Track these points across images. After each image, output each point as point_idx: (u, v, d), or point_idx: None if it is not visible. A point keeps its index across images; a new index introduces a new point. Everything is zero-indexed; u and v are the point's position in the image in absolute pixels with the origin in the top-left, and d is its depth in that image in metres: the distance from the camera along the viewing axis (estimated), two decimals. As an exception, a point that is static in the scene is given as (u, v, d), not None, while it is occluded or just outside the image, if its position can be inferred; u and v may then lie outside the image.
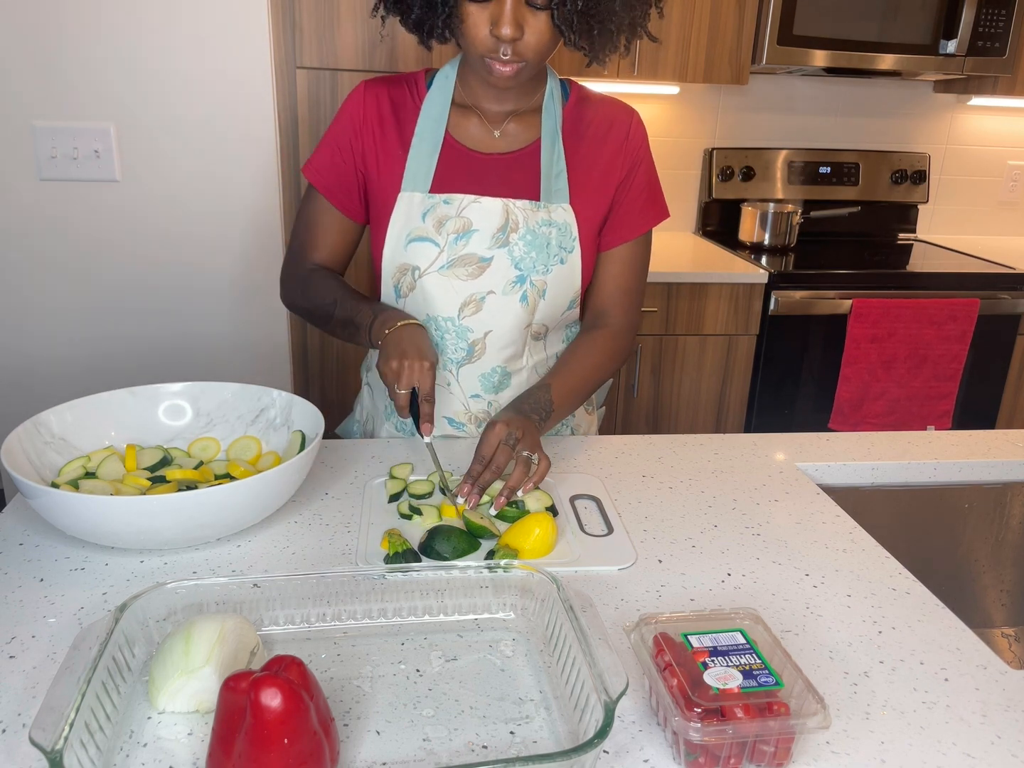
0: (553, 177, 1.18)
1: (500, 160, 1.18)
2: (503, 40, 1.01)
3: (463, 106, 1.19)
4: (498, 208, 1.16)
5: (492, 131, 1.19)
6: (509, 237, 1.16)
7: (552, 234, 1.17)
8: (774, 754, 0.64)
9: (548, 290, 1.18)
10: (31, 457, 0.97)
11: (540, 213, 1.16)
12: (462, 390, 1.23)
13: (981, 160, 3.13)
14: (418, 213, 1.16)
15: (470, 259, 1.16)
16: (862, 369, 2.51)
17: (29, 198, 2.17)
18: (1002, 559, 1.26)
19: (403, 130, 1.18)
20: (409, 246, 1.16)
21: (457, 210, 1.15)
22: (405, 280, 1.18)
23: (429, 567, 0.80)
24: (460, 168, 1.17)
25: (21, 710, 0.68)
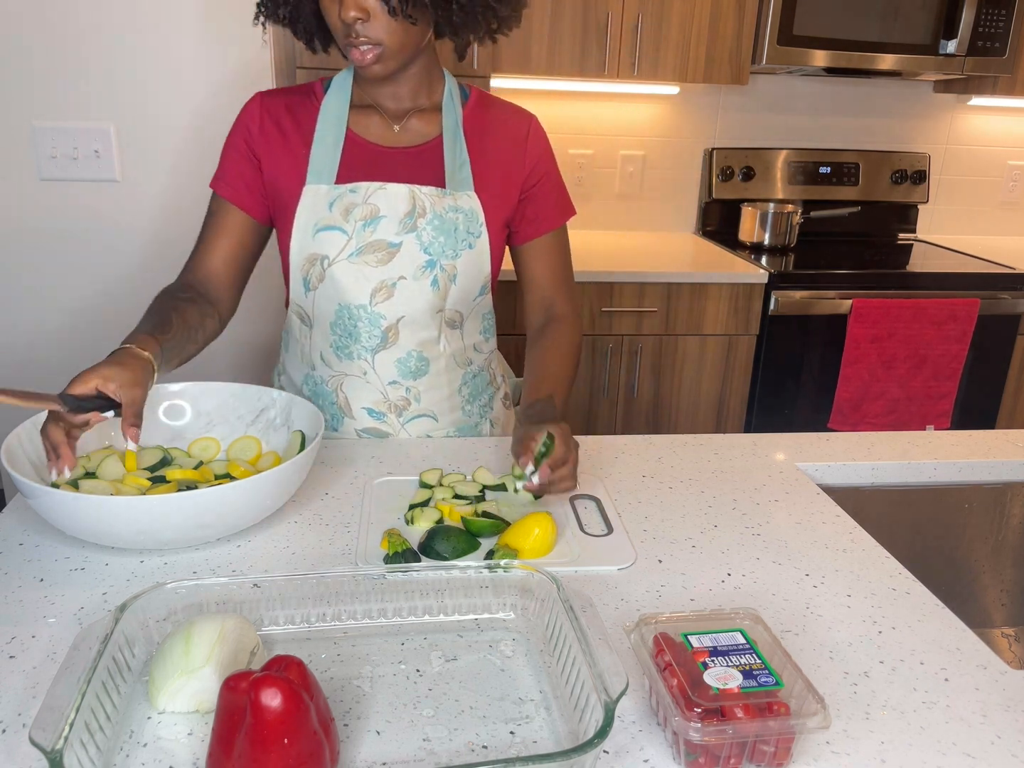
0: (457, 167, 1.20)
1: (403, 153, 1.20)
2: (346, 23, 1.03)
3: (363, 106, 1.21)
4: (404, 193, 1.17)
5: (392, 127, 1.20)
6: (417, 222, 1.17)
7: (459, 220, 1.18)
8: (774, 754, 0.64)
9: (458, 275, 1.20)
10: (31, 457, 0.97)
11: (446, 199, 1.18)
12: (379, 377, 1.23)
13: (981, 160, 3.13)
14: (324, 203, 1.17)
15: (379, 245, 1.17)
16: (862, 369, 2.51)
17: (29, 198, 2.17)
18: (1002, 559, 1.26)
19: (303, 132, 1.20)
20: (317, 235, 1.17)
21: (364, 197, 1.17)
22: (314, 271, 1.19)
23: (429, 567, 0.80)
24: (364, 160, 1.19)
25: (21, 710, 0.69)
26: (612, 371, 2.49)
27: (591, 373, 2.49)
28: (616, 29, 2.41)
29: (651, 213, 3.00)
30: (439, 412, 1.28)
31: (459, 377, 1.28)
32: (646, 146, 2.89)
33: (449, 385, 1.27)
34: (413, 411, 1.26)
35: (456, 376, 1.28)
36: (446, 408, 1.28)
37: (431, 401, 1.26)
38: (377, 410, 1.25)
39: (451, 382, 1.27)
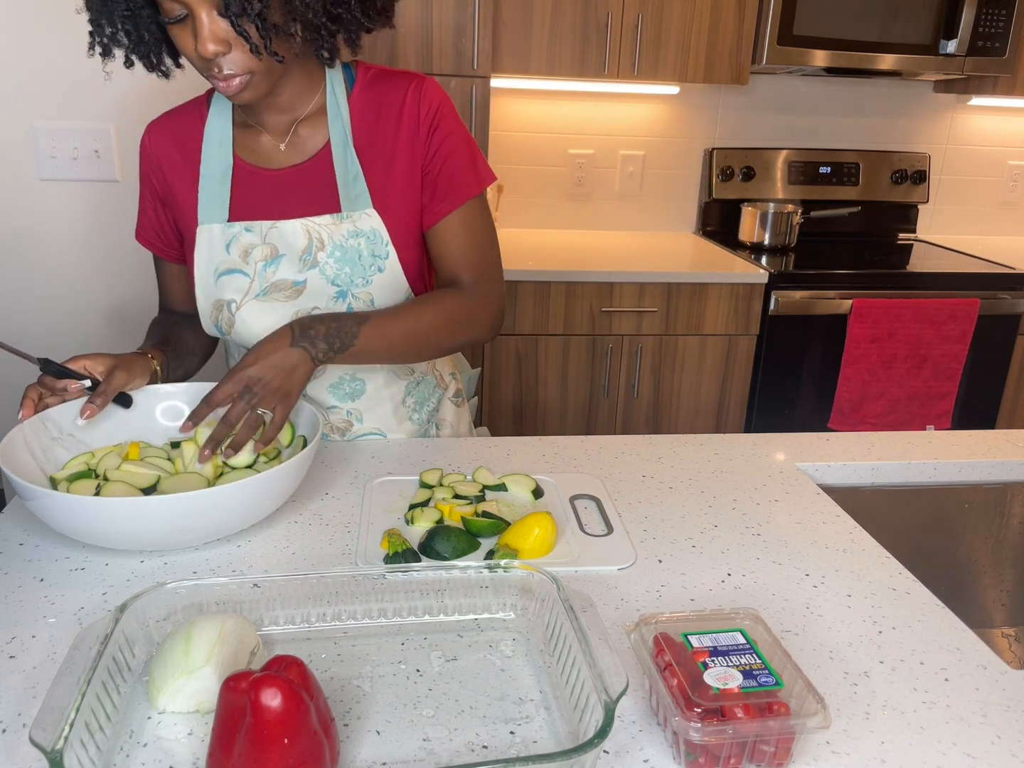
0: (350, 183, 1.09)
1: (292, 173, 1.11)
2: (206, 58, 0.94)
3: (246, 125, 1.13)
4: (298, 230, 1.09)
5: (278, 144, 1.12)
6: (317, 257, 1.09)
7: (362, 245, 1.09)
8: (774, 754, 0.64)
9: (375, 299, 1.12)
10: (35, 453, 0.97)
11: (344, 225, 1.09)
12: (316, 404, 1.20)
13: (981, 160, 3.13)
14: (221, 245, 1.11)
15: (283, 284, 1.11)
16: (862, 369, 2.51)
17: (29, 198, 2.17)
18: (1002, 559, 1.26)
19: (191, 160, 1.13)
20: (219, 280, 1.11)
21: (261, 237, 1.10)
22: (223, 317, 1.13)
23: (429, 567, 0.80)
24: (254, 190, 1.11)
25: (21, 710, 0.69)
26: (612, 371, 2.49)
27: (591, 373, 2.49)
28: (616, 29, 2.41)
29: (651, 213, 3.00)
30: (386, 428, 1.24)
31: (402, 389, 1.24)
32: (646, 146, 2.89)
33: (391, 400, 1.23)
34: (357, 431, 1.23)
35: (398, 389, 1.23)
36: (393, 423, 1.24)
37: (375, 419, 1.23)
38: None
39: (393, 396, 1.23)
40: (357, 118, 1.11)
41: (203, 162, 1.12)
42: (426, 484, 1.07)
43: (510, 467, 1.14)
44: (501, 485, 1.07)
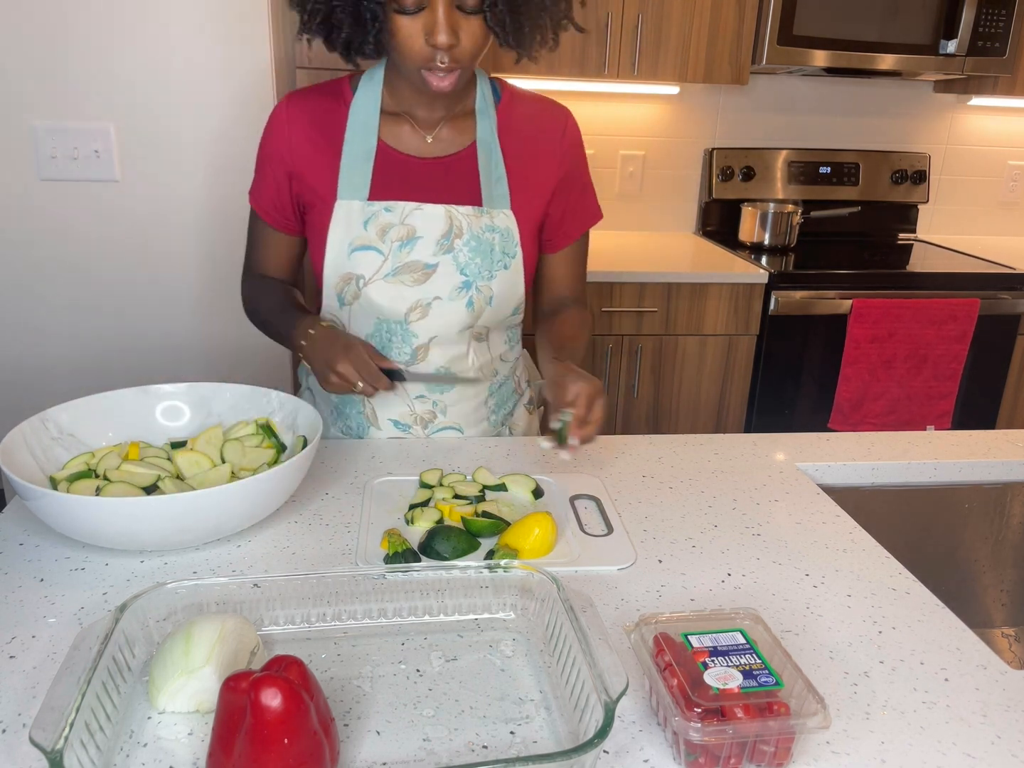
0: (493, 182, 1.17)
1: (436, 164, 1.17)
2: (440, 48, 1.00)
3: (392, 113, 1.17)
4: (441, 214, 1.15)
5: (425, 136, 1.17)
6: (454, 243, 1.15)
7: (496, 240, 1.16)
8: (774, 754, 0.64)
9: (494, 296, 1.18)
10: (35, 453, 0.97)
11: (483, 219, 1.16)
12: (406, 391, 1.23)
13: (981, 160, 3.13)
14: (359, 221, 1.15)
15: (415, 266, 1.15)
16: (862, 369, 2.51)
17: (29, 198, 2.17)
18: (1002, 559, 1.26)
19: (333, 140, 1.16)
20: (352, 255, 1.15)
21: (400, 217, 1.14)
22: (349, 289, 1.17)
23: (429, 567, 0.80)
24: (396, 174, 1.16)
25: (21, 710, 0.69)
26: (612, 371, 2.49)
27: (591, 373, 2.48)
28: (616, 29, 2.41)
29: (651, 213, 2.99)
30: (465, 424, 1.27)
31: (485, 389, 1.28)
32: (646, 146, 2.89)
33: (476, 398, 1.27)
34: (439, 423, 1.26)
35: (483, 389, 1.27)
36: (472, 420, 1.28)
37: (457, 414, 1.26)
38: (403, 422, 1.25)
39: (478, 394, 1.27)
40: (504, 125, 1.19)
41: (346, 141, 1.15)
42: (426, 484, 1.07)
43: (510, 467, 1.14)
44: (501, 485, 1.07)
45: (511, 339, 1.30)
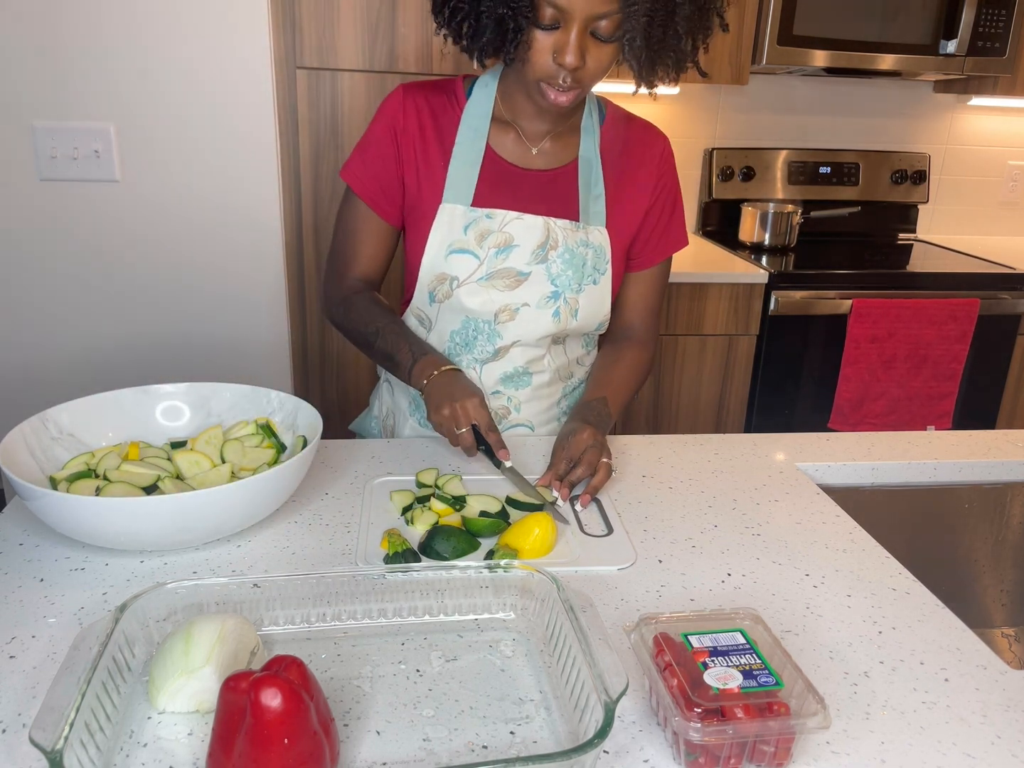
0: (591, 200, 1.20)
1: (539, 177, 1.20)
2: (565, 68, 1.01)
3: (501, 120, 1.20)
4: (539, 225, 1.18)
5: (530, 148, 1.20)
6: (548, 254, 1.18)
7: (588, 255, 1.19)
8: (774, 754, 0.64)
9: (580, 309, 1.21)
10: (35, 453, 0.97)
11: (579, 233, 1.19)
12: (483, 386, 1.25)
13: (981, 160, 3.12)
14: (460, 225, 1.17)
15: (508, 273, 1.18)
16: (862, 369, 2.51)
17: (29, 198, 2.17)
18: (1002, 559, 1.26)
19: (443, 139, 1.18)
20: (450, 257, 1.18)
21: (499, 225, 1.17)
22: (442, 288, 1.20)
23: (429, 567, 0.80)
24: (501, 182, 1.19)
25: (21, 710, 0.68)
26: (612, 371, 2.49)
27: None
28: (616, 29, 2.41)
29: (651, 213, 2.99)
30: (537, 423, 1.29)
31: (559, 390, 1.30)
32: (646, 146, 2.89)
33: (549, 398, 1.29)
34: (512, 420, 1.27)
35: (556, 389, 1.29)
36: (543, 419, 1.29)
37: (530, 412, 1.28)
38: None
39: (551, 395, 1.29)
40: (605, 145, 1.22)
41: (457, 144, 1.18)
42: (423, 484, 1.07)
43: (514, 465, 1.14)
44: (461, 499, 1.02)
45: (588, 344, 1.32)
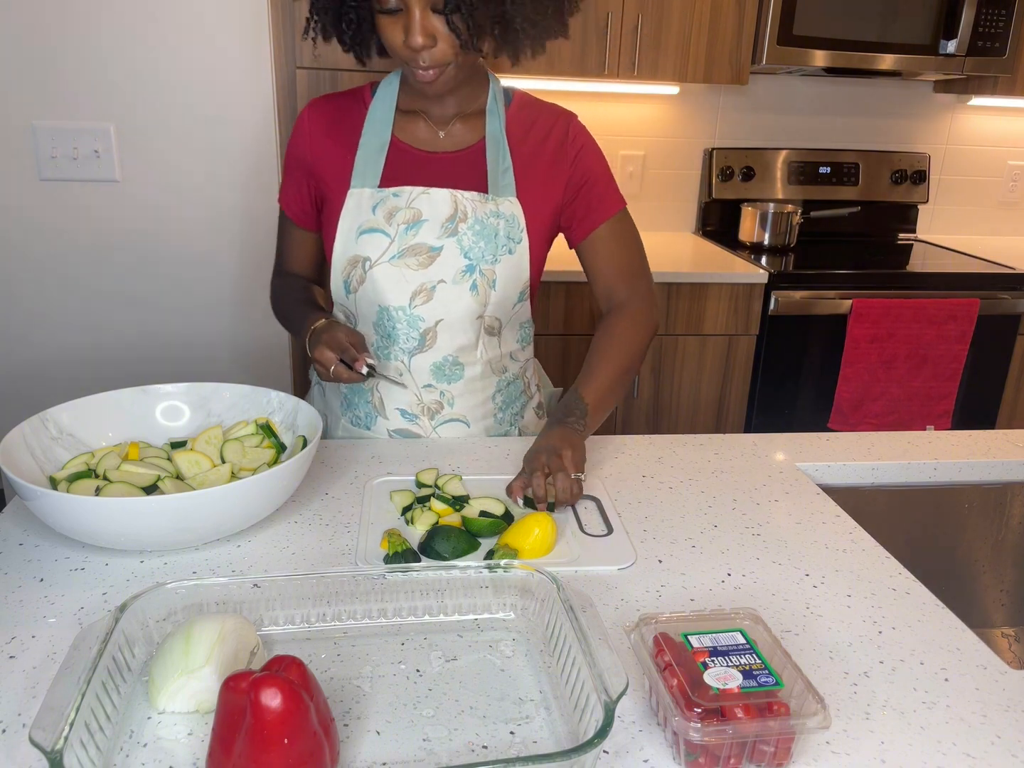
0: (500, 172, 1.21)
1: (446, 158, 1.22)
2: (414, 49, 1.03)
3: (409, 111, 1.22)
4: (446, 198, 1.19)
5: (437, 132, 1.22)
6: (458, 227, 1.18)
7: (500, 225, 1.19)
8: (774, 754, 0.64)
9: (498, 280, 1.21)
10: (35, 453, 0.97)
11: (488, 205, 1.19)
12: (414, 381, 1.24)
13: (981, 160, 3.12)
14: (368, 206, 1.19)
15: (420, 248, 1.18)
16: (862, 369, 2.51)
17: (29, 198, 2.17)
18: (1002, 559, 1.26)
19: (350, 136, 1.22)
20: (360, 238, 1.19)
21: (407, 201, 1.19)
22: (355, 273, 1.20)
23: (429, 567, 0.80)
24: (407, 165, 1.21)
25: (21, 710, 0.69)
26: (612, 371, 2.49)
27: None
28: (616, 29, 2.41)
29: (651, 213, 2.99)
30: (471, 418, 1.28)
31: (493, 384, 1.29)
32: (646, 146, 2.89)
33: (483, 391, 1.28)
34: (446, 415, 1.27)
35: (490, 383, 1.29)
36: (479, 414, 1.29)
37: (464, 406, 1.27)
38: (410, 412, 1.26)
39: (485, 388, 1.28)
40: (512, 125, 1.24)
41: (363, 136, 1.21)
42: (422, 484, 1.07)
43: (510, 467, 1.14)
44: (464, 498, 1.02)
45: (523, 339, 1.32)
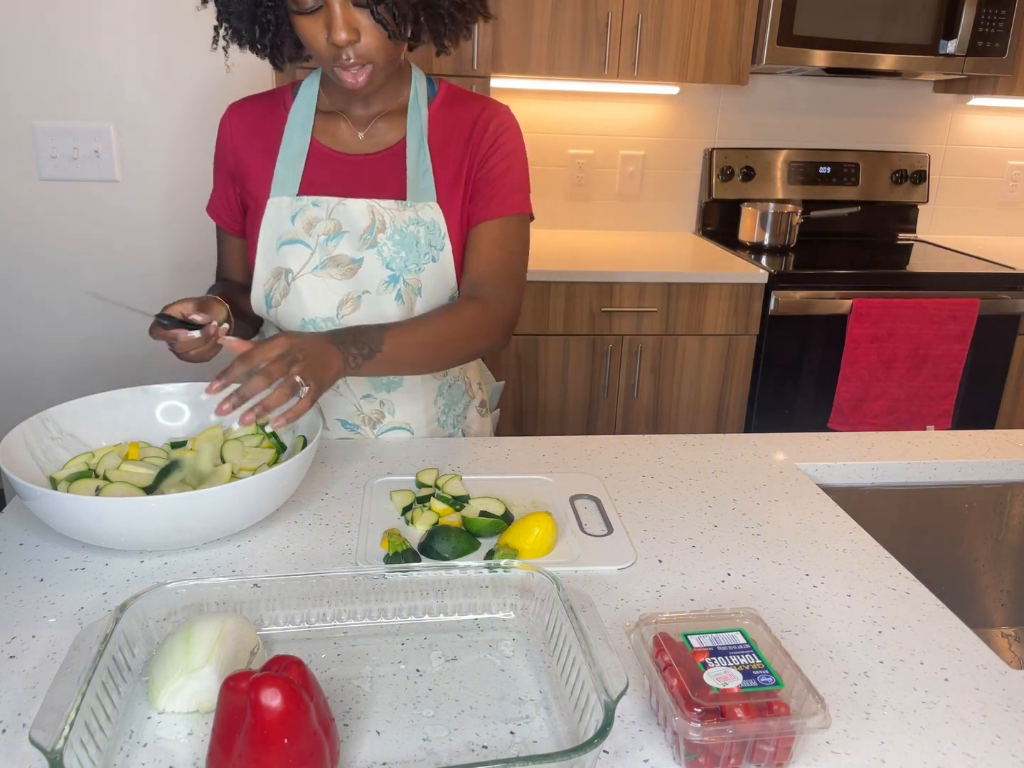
0: (419, 176, 1.17)
1: (365, 161, 1.18)
2: (339, 45, 1.00)
3: (329, 112, 1.19)
4: (363, 209, 1.15)
5: (357, 133, 1.19)
6: (377, 237, 1.15)
7: (420, 233, 1.16)
8: (774, 754, 0.64)
9: (424, 288, 1.18)
10: (35, 453, 0.97)
11: (407, 212, 1.16)
12: (351, 391, 1.23)
13: (981, 160, 3.13)
14: (287, 216, 1.16)
15: (341, 260, 1.16)
16: (862, 369, 2.51)
17: (29, 198, 2.17)
18: (1002, 559, 1.26)
19: (270, 140, 1.19)
20: (281, 249, 1.16)
21: (327, 212, 1.16)
22: (278, 286, 1.17)
23: (429, 567, 0.80)
24: (326, 170, 1.18)
25: (21, 710, 0.68)
26: (612, 371, 2.49)
27: (591, 373, 2.49)
28: (616, 29, 2.41)
29: (651, 213, 3.00)
30: (415, 424, 1.27)
31: (434, 389, 1.27)
32: (646, 146, 2.89)
33: (424, 397, 1.26)
34: (387, 423, 1.25)
35: (431, 388, 1.27)
36: (422, 421, 1.27)
37: (406, 414, 1.25)
38: (351, 422, 1.25)
39: (426, 394, 1.26)
40: (434, 124, 1.19)
41: (283, 141, 1.18)
42: (423, 484, 1.07)
43: (510, 467, 1.14)
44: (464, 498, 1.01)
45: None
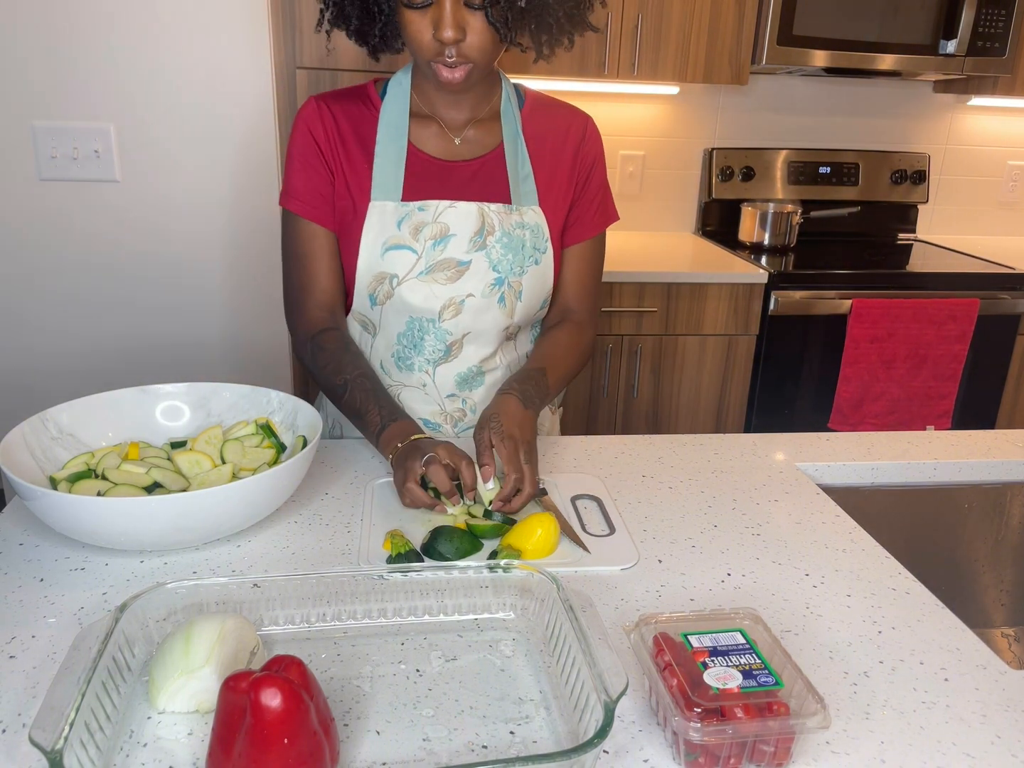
0: (521, 180, 1.19)
1: (466, 167, 1.19)
2: (445, 43, 1.01)
3: (421, 115, 1.19)
4: (474, 212, 1.16)
5: (453, 139, 1.19)
6: (486, 240, 1.17)
7: (526, 236, 1.18)
8: (774, 754, 0.64)
9: (524, 291, 1.20)
10: (35, 453, 0.97)
11: (513, 216, 1.18)
12: (437, 390, 1.24)
13: (981, 160, 3.13)
14: (392, 221, 1.16)
15: (448, 264, 1.16)
16: (862, 369, 2.51)
17: (29, 198, 2.17)
18: (1002, 559, 1.26)
19: (365, 144, 1.17)
20: (386, 254, 1.16)
21: (433, 216, 1.16)
22: (382, 289, 1.17)
23: (429, 567, 0.80)
24: (428, 176, 1.18)
25: (21, 710, 0.68)
26: (612, 371, 2.49)
27: (591, 373, 2.49)
28: (616, 29, 2.41)
29: (651, 213, 3.00)
30: None
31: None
32: (646, 146, 2.89)
33: None
34: (468, 421, 1.26)
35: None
36: None
37: None
38: (433, 421, 1.25)
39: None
40: (528, 129, 1.21)
41: (378, 144, 1.17)
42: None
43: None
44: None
45: (535, 337, 1.31)
